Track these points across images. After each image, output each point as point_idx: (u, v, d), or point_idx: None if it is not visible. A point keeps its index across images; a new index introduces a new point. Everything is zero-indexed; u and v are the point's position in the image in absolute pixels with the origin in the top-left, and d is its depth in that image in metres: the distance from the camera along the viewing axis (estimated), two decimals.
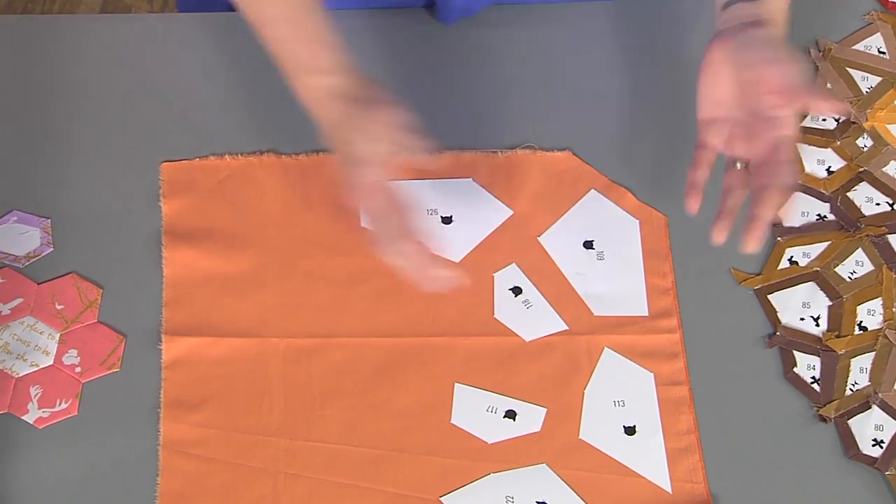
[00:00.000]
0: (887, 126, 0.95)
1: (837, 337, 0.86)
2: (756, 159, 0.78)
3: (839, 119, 0.95)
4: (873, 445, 0.83)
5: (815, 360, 0.86)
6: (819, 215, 0.92)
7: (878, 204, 0.92)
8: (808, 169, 0.93)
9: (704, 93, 0.81)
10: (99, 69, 0.92)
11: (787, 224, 0.91)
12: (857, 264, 0.89)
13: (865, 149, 0.94)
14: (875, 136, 0.95)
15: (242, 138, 0.92)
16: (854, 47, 0.99)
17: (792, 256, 0.90)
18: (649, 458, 0.82)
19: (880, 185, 0.93)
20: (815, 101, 0.77)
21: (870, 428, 0.83)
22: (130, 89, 0.93)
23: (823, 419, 0.84)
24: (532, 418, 0.83)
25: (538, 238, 0.89)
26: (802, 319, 0.87)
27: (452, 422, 0.83)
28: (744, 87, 0.79)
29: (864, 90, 0.97)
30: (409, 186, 0.90)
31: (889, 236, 0.90)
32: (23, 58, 0.94)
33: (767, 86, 0.77)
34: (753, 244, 0.76)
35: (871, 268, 0.89)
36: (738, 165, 0.80)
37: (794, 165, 0.76)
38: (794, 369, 0.86)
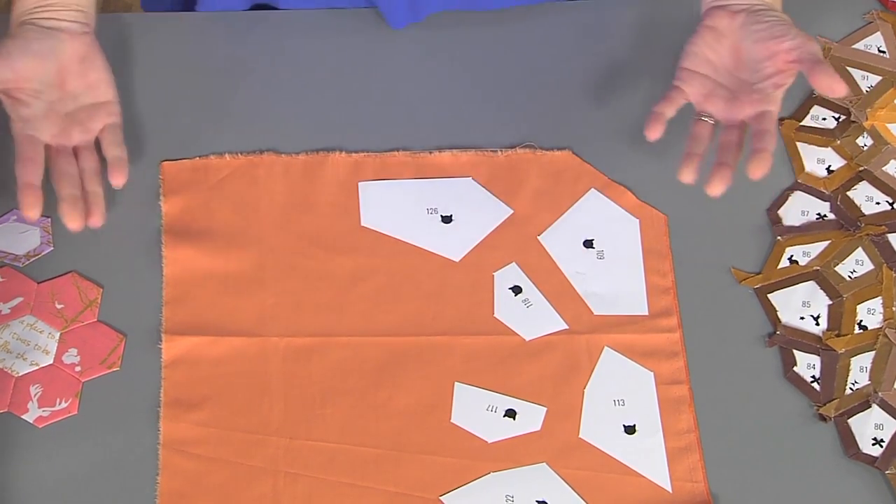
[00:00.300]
0: (887, 125, 0.95)
1: (837, 336, 0.86)
2: (728, 121, 0.84)
3: (839, 118, 0.95)
4: (873, 444, 0.83)
5: (815, 360, 0.86)
6: (819, 214, 0.92)
7: (878, 203, 0.92)
8: (807, 168, 0.93)
9: (696, 50, 0.87)
10: None
11: (787, 223, 0.91)
12: (857, 263, 0.89)
13: (865, 148, 0.94)
14: (875, 135, 0.95)
15: (242, 137, 0.92)
16: (854, 46, 0.99)
17: (792, 255, 0.90)
18: (649, 458, 0.82)
19: (880, 184, 0.93)
20: (819, 75, 0.81)
21: (870, 427, 0.83)
22: (130, 88, 0.93)
23: (823, 418, 0.84)
24: (532, 417, 0.83)
25: (538, 237, 0.89)
26: (802, 318, 0.87)
27: (452, 421, 0.83)
28: (746, 58, 0.85)
29: (864, 89, 0.97)
30: (409, 185, 0.90)
31: (889, 235, 0.90)
32: None
33: (777, 61, 0.83)
34: (722, 187, 0.82)
35: (871, 267, 0.89)
36: (709, 120, 0.85)
37: (775, 135, 0.82)
38: (794, 368, 0.86)
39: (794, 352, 0.86)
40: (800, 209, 0.91)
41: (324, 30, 0.97)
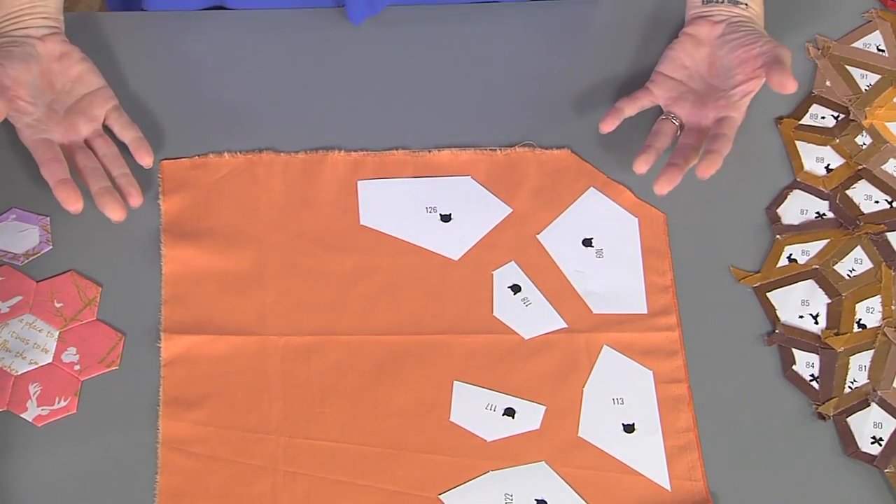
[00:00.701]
0: (886, 124, 0.95)
1: (836, 335, 0.86)
2: (691, 124, 0.89)
3: (838, 116, 0.95)
4: (872, 443, 0.83)
5: (814, 358, 0.86)
6: (818, 213, 0.92)
7: (876, 202, 0.92)
8: (806, 166, 0.93)
9: (674, 55, 0.92)
10: (98, 66, 0.92)
11: (786, 222, 0.91)
12: (855, 262, 0.89)
13: (864, 146, 0.94)
14: (874, 133, 0.95)
15: (241, 136, 0.92)
16: (853, 45, 0.99)
17: (791, 254, 0.90)
18: (648, 456, 0.82)
19: (879, 182, 0.93)
20: (774, 72, 0.85)
21: (868, 426, 0.83)
22: (130, 86, 0.93)
23: (822, 417, 0.84)
24: (531, 416, 0.83)
25: (537, 236, 0.89)
26: (801, 317, 0.87)
27: (451, 419, 0.83)
28: (720, 65, 0.90)
29: (863, 88, 0.97)
30: (409, 184, 0.90)
31: (888, 234, 0.90)
32: None
33: (746, 68, 0.88)
34: (667, 187, 0.86)
35: (870, 265, 0.89)
36: (674, 121, 0.90)
37: (731, 140, 0.87)
38: (793, 367, 0.86)
39: (793, 350, 0.86)
40: (799, 208, 0.92)
41: (323, 28, 0.97)
